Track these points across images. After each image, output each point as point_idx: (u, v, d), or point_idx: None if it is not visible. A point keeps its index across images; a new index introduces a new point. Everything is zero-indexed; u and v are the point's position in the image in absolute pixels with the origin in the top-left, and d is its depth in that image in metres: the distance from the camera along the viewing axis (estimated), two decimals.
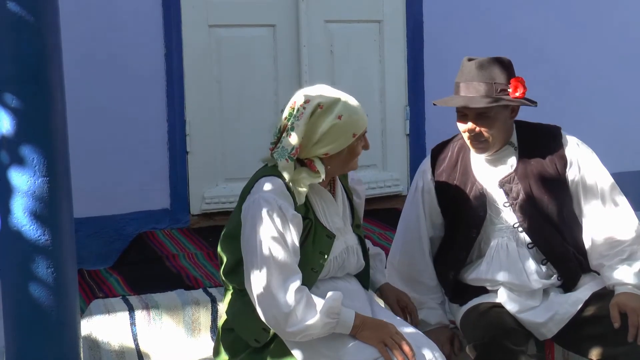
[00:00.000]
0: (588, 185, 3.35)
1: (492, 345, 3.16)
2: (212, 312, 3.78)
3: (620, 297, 3.23)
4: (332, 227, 3.02)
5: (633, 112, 6.17)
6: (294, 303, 2.78)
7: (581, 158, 3.35)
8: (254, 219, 2.85)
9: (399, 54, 5.54)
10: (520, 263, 3.33)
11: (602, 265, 3.35)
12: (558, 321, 3.30)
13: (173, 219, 4.92)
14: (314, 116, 2.90)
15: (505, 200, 3.35)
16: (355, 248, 3.10)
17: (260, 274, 2.80)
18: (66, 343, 2.86)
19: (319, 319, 2.80)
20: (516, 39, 5.61)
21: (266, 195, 2.86)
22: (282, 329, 2.82)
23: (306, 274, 2.88)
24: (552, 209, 3.33)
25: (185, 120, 4.95)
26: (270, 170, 2.96)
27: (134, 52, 4.81)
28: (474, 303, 3.39)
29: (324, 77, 5.30)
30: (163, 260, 4.40)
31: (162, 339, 3.72)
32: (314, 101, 2.92)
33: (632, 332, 3.13)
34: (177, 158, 4.92)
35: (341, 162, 2.99)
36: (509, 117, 3.30)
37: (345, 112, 2.92)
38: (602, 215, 3.34)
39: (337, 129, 2.90)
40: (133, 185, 4.81)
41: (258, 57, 5.16)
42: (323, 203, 3.03)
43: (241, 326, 3.01)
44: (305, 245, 2.92)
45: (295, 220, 2.87)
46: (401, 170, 5.57)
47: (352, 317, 2.86)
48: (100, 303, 3.78)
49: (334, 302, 2.83)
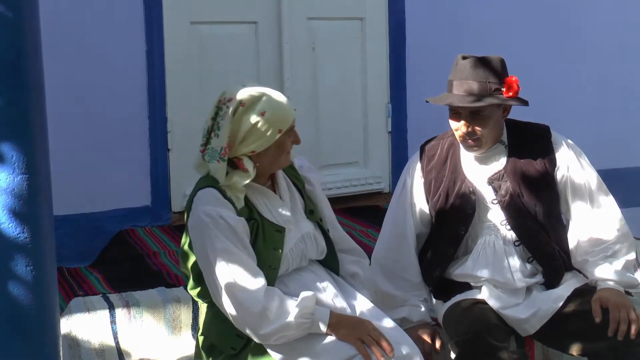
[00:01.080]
0: (575, 185, 3.36)
1: (474, 341, 3.16)
2: (193, 310, 3.77)
3: (602, 292, 3.24)
4: (280, 221, 3.00)
5: (610, 109, 6.21)
6: (264, 303, 2.78)
7: (569, 158, 3.37)
8: (201, 235, 2.87)
9: (381, 52, 5.55)
10: (506, 261, 3.34)
11: (586, 261, 3.37)
12: (541, 317, 3.31)
13: (154, 217, 4.90)
14: (237, 114, 2.88)
15: (494, 198, 3.36)
16: (312, 234, 3.08)
17: (223, 284, 2.81)
18: (46, 341, 2.84)
19: (292, 321, 2.79)
20: (499, 36, 5.62)
21: (206, 208, 2.86)
22: (255, 333, 2.82)
23: (265, 272, 2.88)
24: (540, 208, 3.34)
25: (167, 118, 4.93)
26: (203, 182, 2.96)
27: (115, 49, 4.79)
28: (457, 299, 3.40)
29: (306, 74, 5.31)
30: (144, 258, 4.39)
31: (143, 337, 3.70)
32: (236, 99, 2.89)
33: (613, 327, 3.15)
34: (158, 155, 4.90)
35: (271, 158, 2.96)
36: (501, 116, 3.31)
37: (269, 109, 2.89)
38: (588, 215, 3.36)
39: (260, 125, 2.87)
40: (114, 183, 4.79)
41: (240, 55, 5.15)
42: (265, 200, 3.02)
43: (215, 336, 3.02)
44: (257, 245, 2.92)
45: (240, 224, 2.87)
46: (383, 168, 5.57)
47: (327, 316, 2.85)
48: (81, 301, 3.76)
49: (308, 302, 2.83)
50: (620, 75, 6.23)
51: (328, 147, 5.42)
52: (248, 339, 2.91)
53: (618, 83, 6.22)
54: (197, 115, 4.96)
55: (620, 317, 3.15)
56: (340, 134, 5.44)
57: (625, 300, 3.21)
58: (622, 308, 3.16)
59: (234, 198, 2.91)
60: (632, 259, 3.38)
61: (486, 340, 3.15)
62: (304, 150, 5.36)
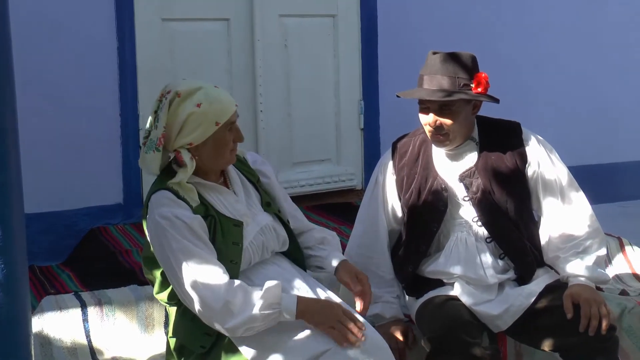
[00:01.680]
0: (546, 181, 3.39)
1: (447, 338, 3.17)
2: (165, 308, 3.75)
3: (574, 288, 3.27)
4: (237, 215, 3.01)
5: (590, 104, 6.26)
6: (227, 298, 2.79)
7: (540, 154, 3.39)
8: (159, 238, 2.88)
9: (354, 48, 5.55)
10: (478, 257, 3.36)
11: (557, 257, 3.39)
12: (513, 313, 3.33)
13: (126, 214, 4.88)
14: (173, 105, 2.90)
15: (465, 195, 3.37)
16: (270, 226, 3.09)
17: (186, 283, 2.83)
18: (17, 340, 2.81)
19: (258, 313, 2.79)
20: (471, 33, 5.65)
21: (161, 211, 2.88)
22: (222, 327, 2.82)
23: (228, 267, 2.89)
24: (511, 204, 3.36)
25: (139, 115, 4.91)
26: (155, 186, 2.98)
27: (86, 45, 4.76)
28: (430, 296, 3.41)
29: (278, 72, 5.31)
30: (116, 256, 4.36)
31: (116, 335, 3.68)
32: (173, 90, 2.92)
33: (584, 323, 3.17)
34: (130, 152, 4.88)
35: (210, 153, 2.97)
36: (470, 113, 3.33)
37: (205, 100, 2.90)
38: (560, 211, 3.39)
39: (196, 117, 2.89)
40: (85, 180, 4.76)
41: (212, 51, 5.14)
42: (219, 196, 3.03)
43: (184, 336, 3.02)
44: (217, 240, 2.93)
45: (196, 222, 2.88)
46: (355, 165, 5.58)
47: (294, 303, 2.84)
48: (52, 299, 3.73)
49: (273, 291, 2.82)
50: (591, 73, 6.28)
51: (300, 144, 5.42)
52: (217, 336, 2.92)
53: (588, 81, 6.27)
54: None
55: (592, 312, 3.17)
56: (312, 131, 5.44)
57: (597, 296, 3.24)
58: (593, 304, 3.19)
59: (187, 198, 2.92)
60: (602, 255, 3.41)
61: (459, 337, 3.17)
62: (276, 148, 5.40)
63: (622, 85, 6.38)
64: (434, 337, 3.22)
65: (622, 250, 4.66)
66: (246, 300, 2.80)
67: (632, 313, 3.89)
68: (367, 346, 2.84)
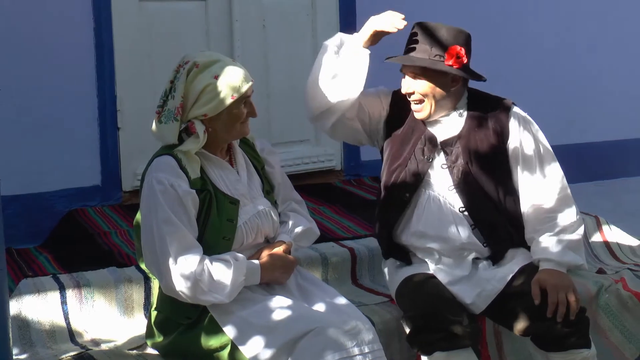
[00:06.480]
0: (526, 158, 3.41)
1: (431, 316, 3.20)
2: (145, 290, 3.74)
3: (541, 274, 3.30)
4: (235, 194, 3.05)
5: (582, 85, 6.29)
6: (195, 275, 2.85)
7: (522, 130, 3.42)
8: (148, 200, 2.93)
9: (332, 28, 5.51)
10: (451, 217, 3.38)
11: (532, 239, 3.42)
12: (485, 298, 3.36)
13: (104, 196, 4.86)
14: (190, 75, 2.95)
15: (444, 162, 3.38)
16: (267, 211, 3.14)
17: (158, 251, 2.87)
18: None
19: (227, 292, 2.90)
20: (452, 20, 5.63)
21: (159, 175, 2.92)
22: (191, 300, 2.92)
23: (219, 243, 2.95)
24: (488, 177, 3.39)
25: (116, 96, 4.87)
26: (163, 150, 3.02)
27: (62, 26, 4.71)
28: (409, 273, 3.42)
29: (257, 52, 5.28)
30: (94, 238, 4.35)
31: (95, 318, 3.68)
32: (192, 61, 2.96)
33: (551, 309, 3.21)
34: (107, 134, 4.85)
35: (224, 125, 3.01)
36: (450, 85, 3.34)
37: (222, 73, 2.95)
38: (534, 186, 3.40)
39: (212, 88, 2.93)
40: (63, 162, 4.73)
41: (189, 32, 5.10)
42: (220, 172, 3.06)
43: (169, 308, 3.05)
44: (211, 216, 2.97)
45: (190, 197, 2.92)
46: (334, 145, 5.56)
47: (258, 270, 3.00)
48: (30, 282, 3.72)
49: (239, 268, 2.94)
50: (567, 52, 6.29)
51: (279, 125, 5.40)
52: (204, 308, 2.96)
53: (564, 59, 6.29)
54: (147, 93, 4.91)
55: (559, 299, 3.20)
56: (291, 112, 5.41)
57: (565, 281, 3.25)
58: (561, 290, 3.21)
59: (189, 168, 2.95)
60: (577, 239, 3.40)
61: (442, 314, 3.20)
62: (255, 129, 5.34)
63: (598, 64, 6.39)
64: (417, 315, 3.24)
65: (600, 229, 4.69)
66: (213, 281, 2.89)
67: (609, 291, 3.92)
68: (348, 327, 2.87)
